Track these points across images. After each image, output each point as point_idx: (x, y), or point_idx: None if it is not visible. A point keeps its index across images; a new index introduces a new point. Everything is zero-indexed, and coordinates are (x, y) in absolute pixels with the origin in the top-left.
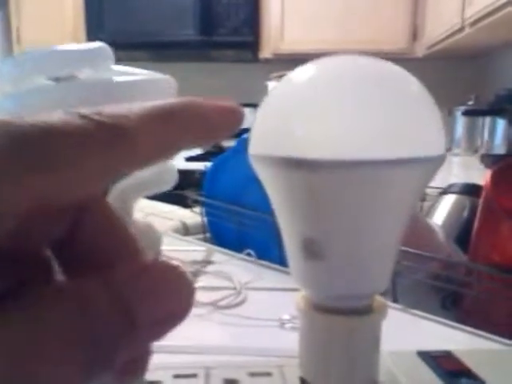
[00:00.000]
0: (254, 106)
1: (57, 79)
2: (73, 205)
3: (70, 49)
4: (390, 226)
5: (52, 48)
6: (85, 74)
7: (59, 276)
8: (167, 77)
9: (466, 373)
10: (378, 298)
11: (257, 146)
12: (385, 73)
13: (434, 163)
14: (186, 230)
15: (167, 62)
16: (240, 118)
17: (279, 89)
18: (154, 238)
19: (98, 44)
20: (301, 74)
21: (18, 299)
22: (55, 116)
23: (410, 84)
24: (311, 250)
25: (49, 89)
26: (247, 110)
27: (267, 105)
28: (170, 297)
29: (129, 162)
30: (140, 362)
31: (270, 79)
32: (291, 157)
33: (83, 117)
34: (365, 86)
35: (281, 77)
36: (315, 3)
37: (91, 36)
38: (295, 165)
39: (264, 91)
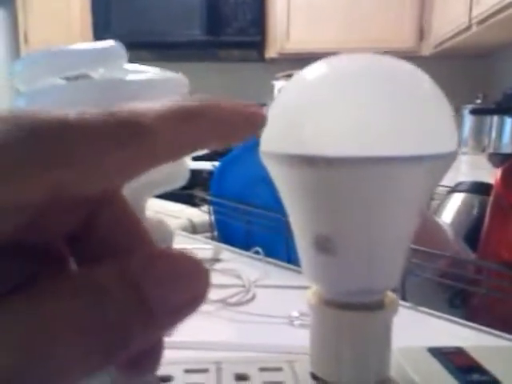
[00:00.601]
0: (261, 105)
1: (69, 78)
2: (88, 198)
3: (82, 48)
4: (402, 222)
5: (64, 47)
6: (98, 73)
7: (73, 266)
8: (179, 75)
9: (477, 368)
10: (389, 294)
11: (269, 144)
12: (397, 70)
13: (446, 160)
14: (193, 229)
15: (174, 61)
16: (262, 120)
17: (291, 86)
18: (166, 234)
19: (110, 43)
20: (313, 72)
21: (33, 289)
22: (73, 111)
23: (423, 82)
24: (323, 246)
25: (60, 88)
26: None
27: (279, 102)
28: (186, 284)
29: (146, 159)
30: (153, 356)
31: (276, 79)
32: (305, 154)
33: (102, 113)
34: (377, 83)
35: (287, 76)
36: (321, 2)
37: (98, 36)
38: (309, 162)
39: (270, 90)
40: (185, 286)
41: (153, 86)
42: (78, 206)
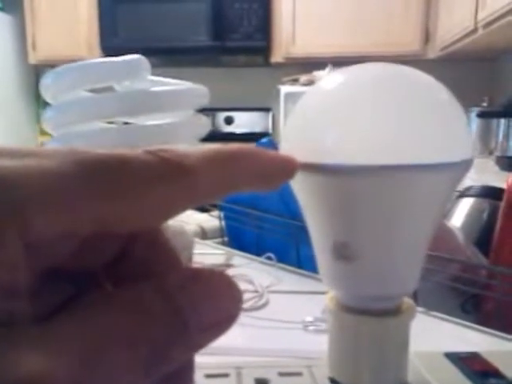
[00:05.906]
0: (266, 110)
1: (93, 91)
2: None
3: (108, 61)
4: (419, 229)
5: (90, 61)
6: (123, 85)
7: (109, 288)
8: (200, 86)
9: (494, 373)
10: (406, 300)
11: (289, 153)
12: (415, 80)
13: (464, 167)
14: (203, 234)
15: (180, 67)
16: (294, 169)
17: (309, 97)
18: (187, 242)
19: (135, 56)
20: (332, 82)
21: (80, 306)
22: (123, 150)
23: (439, 90)
24: (341, 252)
25: (83, 100)
26: (259, 114)
27: (299, 111)
28: (220, 303)
29: (187, 198)
30: (185, 376)
31: (281, 83)
32: (324, 163)
33: (149, 153)
34: (396, 93)
35: (293, 81)
36: (326, 7)
37: (105, 42)
38: (328, 171)
39: (276, 95)
40: (219, 305)
41: (175, 96)
42: (118, 239)
